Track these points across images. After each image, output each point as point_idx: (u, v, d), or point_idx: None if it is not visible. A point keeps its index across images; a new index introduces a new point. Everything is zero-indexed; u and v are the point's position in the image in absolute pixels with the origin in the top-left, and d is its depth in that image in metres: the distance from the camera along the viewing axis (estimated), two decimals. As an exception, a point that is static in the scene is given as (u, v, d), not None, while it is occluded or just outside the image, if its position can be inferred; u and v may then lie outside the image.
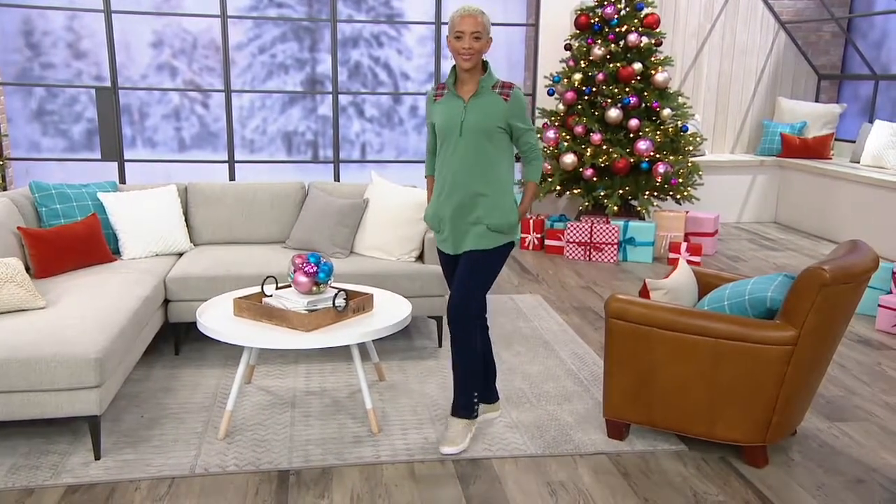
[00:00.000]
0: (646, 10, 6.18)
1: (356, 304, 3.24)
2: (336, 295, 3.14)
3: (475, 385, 2.95)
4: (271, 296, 3.22)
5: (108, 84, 6.90)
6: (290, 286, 3.34)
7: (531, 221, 6.57)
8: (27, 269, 3.64)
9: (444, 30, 7.60)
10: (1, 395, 2.71)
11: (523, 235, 6.63)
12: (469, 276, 2.86)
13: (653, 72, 6.19)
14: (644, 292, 3.12)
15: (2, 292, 3.01)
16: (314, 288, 3.22)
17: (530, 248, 6.64)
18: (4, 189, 6.31)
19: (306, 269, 3.16)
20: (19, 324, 2.92)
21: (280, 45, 7.97)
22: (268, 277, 3.33)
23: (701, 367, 2.78)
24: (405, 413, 3.29)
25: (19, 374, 2.69)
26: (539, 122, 7.42)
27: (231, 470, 2.79)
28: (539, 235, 6.60)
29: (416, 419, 3.23)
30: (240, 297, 3.25)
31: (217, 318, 3.13)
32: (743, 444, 2.82)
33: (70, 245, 3.73)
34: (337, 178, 7.42)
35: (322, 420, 3.21)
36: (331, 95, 7.43)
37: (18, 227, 3.58)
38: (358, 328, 3.06)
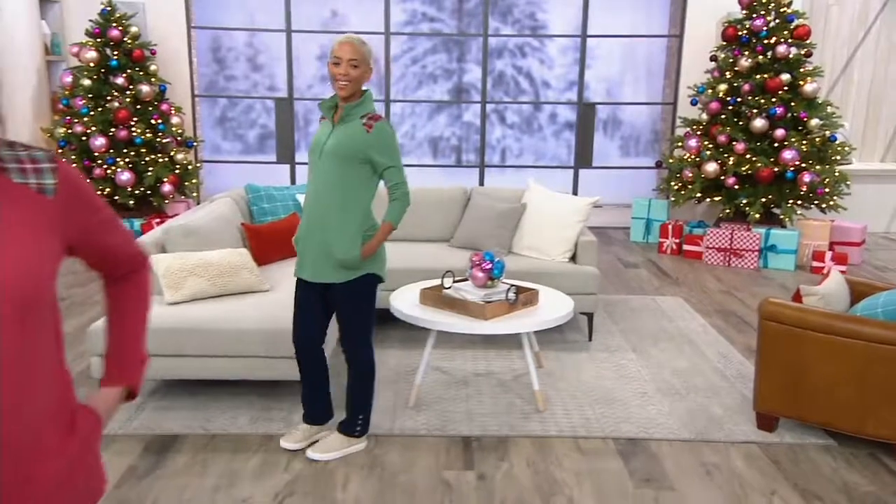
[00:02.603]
0: (797, 22, 6.25)
1: (525, 297, 3.68)
2: (508, 289, 3.60)
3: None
4: (450, 288, 3.72)
5: (284, 95, 7.76)
6: (465, 280, 3.83)
7: (670, 227, 6.78)
8: (245, 258, 4.34)
9: (592, 42, 7.93)
10: (245, 359, 3.37)
11: (662, 240, 6.85)
12: (348, 315, 2.88)
13: (801, 82, 6.24)
14: (797, 297, 3.37)
15: (240, 277, 3.70)
16: (489, 282, 3.70)
17: (668, 252, 6.85)
18: (196, 189, 7.27)
19: (483, 265, 3.64)
20: (255, 303, 3.57)
21: (430, 56, 8.58)
22: (447, 272, 3.84)
23: (852, 368, 3.00)
24: (565, 396, 3.71)
25: (261, 343, 3.34)
26: (681, 131, 7.60)
27: (422, 433, 3.30)
28: (677, 241, 6.80)
29: (576, 402, 3.64)
30: (425, 288, 3.77)
31: (407, 306, 3.67)
32: (893, 441, 3.02)
33: (278, 239, 4.41)
34: (481, 182, 7.92)
35: (493, 398, 3.68)
36: (476, 104, 7.93)
37: (242, 223, 4.30)
38: (529, 318, 3.50)
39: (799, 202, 6.41)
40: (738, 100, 6.45)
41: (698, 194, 6.72)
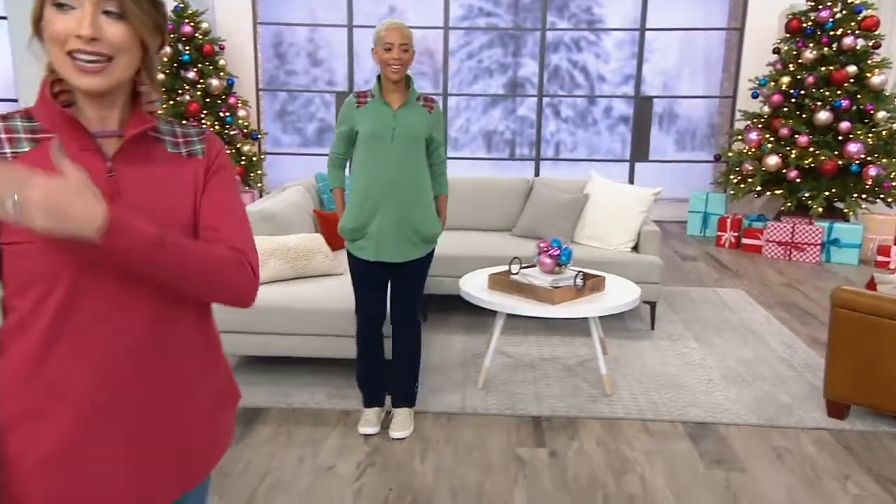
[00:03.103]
0: (865, 13, 6.15)
1: (592, 284, 3.75)
2: (576, 275, 3.68)
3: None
4: (517, 273, 3.81)
5: (344, 89, 7.94)
6: (533, 266, 3.92)
7: (728, 220, 6.74)
8: (316, 244, 4.50)
9: (649, 35, 7.92)
10: (321, 337, 3.52)
11: (720, 233, 6.82)
12: (417, 285, 3.08)
13: (868, 74, 6.14)
14: (871, 285, 3.36)
15: (315, 261, 3.85)
16: (556, 268, 3.78)
17: (726, 245, 6.81)
18: (260, 179, 7.50)
19: (551, 252, 3.72)
20: (330, 285, 3.72)
21: (486, 51, 8.67)
22: (514, 258, 3.93)
23: (928, 357, 3.00)
24: (630, 381, 3.76)
25: (337, 323, 3.48)
26: (740, 125, 7.53)
27: (493, 412, 3.41)
28: (736, 234, 6.76)
29: (642, 387, 3.69)
30: (493, 274, 3.87)
31: (476, 290, 3.77)
32: (969, 431, 3.01)
33: (348, 225, 4.56)
34: (536, 175, 7.98)
35: (559, 381, 3.76)
36: (530, 97, 7.98)
37: (314, 210, 4.46)
38: (597, 303, 3.57)
39: (863, 196, 6.31)
40: (802, 92, 6.38)
41: (758, 187, 6.67)
